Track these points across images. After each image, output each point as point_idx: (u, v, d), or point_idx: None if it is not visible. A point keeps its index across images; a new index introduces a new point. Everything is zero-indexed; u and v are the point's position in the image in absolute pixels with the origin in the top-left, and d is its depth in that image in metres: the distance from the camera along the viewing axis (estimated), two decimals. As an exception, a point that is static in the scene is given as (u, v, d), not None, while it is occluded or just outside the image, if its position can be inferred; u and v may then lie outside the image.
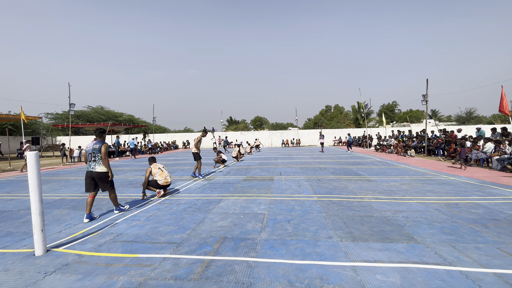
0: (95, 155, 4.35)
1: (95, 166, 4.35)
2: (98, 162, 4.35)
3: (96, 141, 4.44)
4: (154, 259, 2.86)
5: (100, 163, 4.36)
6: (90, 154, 4.38)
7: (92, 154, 4.36)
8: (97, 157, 4.35)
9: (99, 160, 4.35)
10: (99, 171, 4.34)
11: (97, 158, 4.34)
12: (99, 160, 4.35)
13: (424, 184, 6.53)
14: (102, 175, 4.37)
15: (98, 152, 4.35)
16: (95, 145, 4.40)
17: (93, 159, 4.36)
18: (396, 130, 21.66)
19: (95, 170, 4.34)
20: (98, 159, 4.34)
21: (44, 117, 35.91)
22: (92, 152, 4.37)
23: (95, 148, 4.37)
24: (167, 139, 33.22)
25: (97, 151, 4.35)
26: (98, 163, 4.35)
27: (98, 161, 4.35)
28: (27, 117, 19.21)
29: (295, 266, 2.62)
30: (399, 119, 49.41)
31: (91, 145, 4.40)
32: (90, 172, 4.36)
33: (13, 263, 2.87)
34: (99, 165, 4.35)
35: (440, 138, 14.14)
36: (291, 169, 10.13)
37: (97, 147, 4.38)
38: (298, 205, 4.92)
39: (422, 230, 3.50)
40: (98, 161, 4.35)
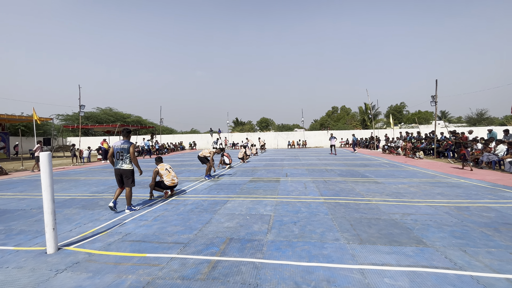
0: (123, 154, 4.70)
1: (122, 164, 4.70)
2: (125, 160, 4.70)
3: (124, 141, 4.77)
4: (161, 258, 2.90)
5: (127, 161, 4.72)
6: (118, 152, 4.71)
7: (120, 153, 4.70)
8: (124, 156, 4.69)
9: (126, 158, 4.70)
10: (125, 168, 4.71)
11: (124, 156, 4.69)
12: (126, 158, 4.70)
13: (433, 187, 6.41)
14: (127, 172, 4.73)
15: (126, 152, 4.70)
16: (123, 144, 4.73)
17: (120, 157, 4.70)
18: (404, 131, 21.32)
19: (122, 168, 4.70)
20: (125, 157, 4.70)
21: (55, 118, 36.83)
22: (120, 151, 4.70)
23: (123, 147, 4.71)
24: (174, 140, 33.56)
25: (126, 151, 4.70)
26: (125, 161, 4.70)
27: (125, 159, 4.70)
28: (39, 118, 19.73)
29: (301, 268, 2.61)
30: (407, 121, 48.58)
31: (119, 144, 4.73)
32: (118, 169, 4.73)
33: (26, 260, 2.95)
34: (125, 163, 4.71)
35: (450, 139, 13.85)
36: (297, 170, 10.09)
37: (126, 147, 4.72)
38: (304, 206, 4.90)
39: (431, 233, 3.44)
40: (125, 160, 4.71)
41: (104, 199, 5.94)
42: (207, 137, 33.81)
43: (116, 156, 4.74)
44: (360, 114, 47.30)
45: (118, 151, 4.72)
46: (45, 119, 22.25)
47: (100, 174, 10.37)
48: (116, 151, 4.74)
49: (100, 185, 7.74)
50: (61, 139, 33.14)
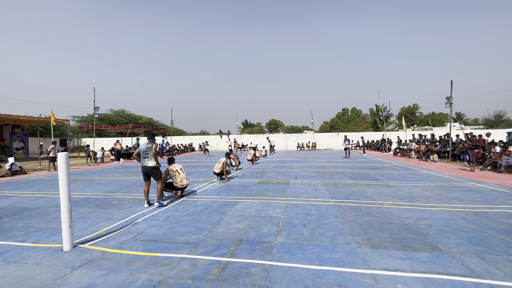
0: (148, 153, 5.22)
1: (147, 162, 5.20)
2: (149, 158, 5.20)
3: (149, 142, 5.29)
4: (172, 258, 2.94)
5: (151, 158, 5.19)
6: (144, 152, 5.24)
7: (146, 152, 5.23)
8: (149, 155, 5.20)
9: (151, 156, 5.18)
10: (150, 166, 5.20)
11: (149, 155, 5.20)
12: (150, 156, 5.19)
13: (448, 191, 6.21)
14: (153, 168, 5.24)
15: (150, 150, 5.22)
16: (148, 145, 5.27)
17: (146, 156, 5.22)
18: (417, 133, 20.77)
19: (147, 165, 5.20)
20: (150, 156, 5.20)
21: (71, 120, 38.11)
22: (145, 150, 5.24)
23: (148, 147, 5.24)
24: (184, 141, 34.02)
25: (150, 149, 5.22)
26: (149, 159, 5.20)
27: (149, 157, 5.20)
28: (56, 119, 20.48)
29: (312, 271, 2.59)
30: (420, 123, 47.30)
31: (145, 145, 5.28)
32: (144, 167, 5.24)
33: (44, 257, 3.06)
34: (150, 160, 5.20)
35: (466, 142, 13.40)
36: (307, 172, 10.01)
37: (150, 146, 5.25)
38: (314, 209, 4.86)
39: (447, 239, 3.33)
40: (150, 158, 5.20)
41: (117, 198, 6.09)
42: (217, 138, 34.07)
43: (142, 155, 5.26)
44: (371, 116, 46.47)
45: (143, 150, 5.25)
46: (62, 120, 23.05)
47: (113, 174, 10.63)
48: (142, 151, 5.27)
49: (113, 185, 7.94)
50: (76, 140, 34.24)
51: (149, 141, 5.31)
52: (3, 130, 21.74)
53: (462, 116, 50.25)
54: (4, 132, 21.74)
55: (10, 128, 21.97)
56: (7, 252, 3.23)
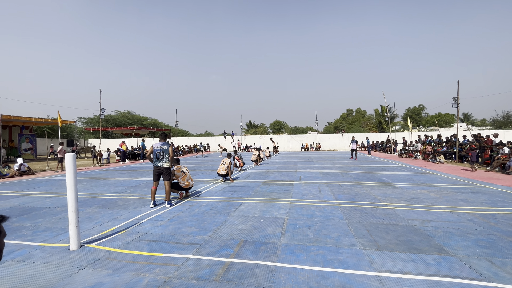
0: (163, 154, 5.27)
1: (162, 163, 5.27)
2: (165, 160, 5.28)
3: (163, 143, 5.35)
4: (177, 259, 2.96)
5: (167, 160, 5.29)
6: (158, 153, 5.28)
7: (160, 153, 5.28)
8: (165, 156, 5.27)
9: (167, 158, 5.27)
10: (165, 167, 5.29)
11: (165, 157, 5.27)
12: (166, 158, 5.27)
13: (455, 193, 6.12)
14: (167, 169, 5.33)
15: (166, 152, 5.28)
16: (163, 146, 5.32)
17: (161, 157, 5.28)
18: (423, 134, 20.51)
19: (162, 166, 5.27)
20: (165, 157, 5.27)
21: (78, 121, 38.64)
22: (160, 151, 5.28)
23: (163, 148, 5.29)
24: (189, 142, 34.21)
25: (166, 151, 5.28)
26: (165, 160, 5.28)
27: (165, 159, 5.27)
28: (63, 121, 20.80)
29: (316, 273, 2.57)
30: (426, 123, 46.72)
31: (159, 146, 5.31)
32: (158, 167, 5.29)
33: (51, 256, 3.11)
34: (165, 162, 5.28)
35: (474, 143, 13.19)
36: (311, 174, 9.97)
37: (166, 148, 5.30)
38: (318, 210, 4.83)
39: (454, 241, 3.29)
40: (165, 159, 5.28)
41: (122, 199, 6.15)
42: (221, 139, 34.17)
43: (156, 156, 5.28)
44: (376, 116, 46.09)
45: (158, 151, 5.28)
46: (69, 121, 23.41)
47: (118, 175, 10.75)
48: (156, 151, 5.29)
49: (118, 186, 8.02)
50: (83, 140, 34.71)
51: (163, 142, 5.36)
52: (12, 131, 22.17)
53: (469, 116, 49.51)
54: (13, 133, 22.16)
55: (19, 129, 22.39)
56: (16, 251, 3.28)
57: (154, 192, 5.33)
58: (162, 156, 5.27)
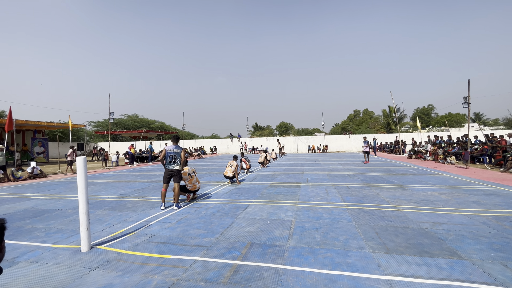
0: (175, 158, 5.38)
1: (174, 165, 5.37)
2: (177, 163, 5.38)
3: (175, 146, 5.45)
4: (185, 260, 2.98)
5: (179, 163, 5.39)
6: (171, 156, 5.37)
7: (173, 156, 5.37)
8: (177, 160, 5.38)
9: (179, 161, 5.39)
10: (177, 169, 5.39)
11: (177, 160, 5.38)
12: (178, 161, 5.38)
13: (467, 195, 5.96)
14: (178, 172, 5.42)
15: (178, 156, 5.39)
16: (175, 149, 5.42)
17: (173, 160, 5.37)
18: (433, 135, 20.08)
19: (174, 168, 5.36)
20: (178, 160, 5.38)
21: (88, 125, 39.50)
22: (173, 155, 5.37)
23: (176, 152, 5.40)
24: (196, 145, 34.48)
25: (178, 155, 5.39)
26: (177, 163, 5.38)
27: (177, 162, 5.38)
28: (74, 125, 21.30)
29: (324, 276, 2.55)
30: (436, 124, 45.74)
31: (172, 149, 5.40)
32: (169, 170, 5.37)
33: (63, 257, 3.18)
34: (177, 165, 5.38)
35: (486, 144, 12.84)
36: (318, 175, 9.90)
37: (178, 151, 5.42)
38: (326, 213, 4.79)
39: (466, 245, 3.20)
40: (178, 162, 5.38)
41: (131, 201, 6.24)
42: (227, 142, 34.32)
43: (168, 159, 5.36)
44: (384, 117, 45.44)
45: (171, 154, 5.37)
46: (79, 125, 23.97)
47: (127, 178, 10.92)
48: (168, 154, 5.37)
49: (127, 188, 8.15)
50: (92, 144, 35.44)
51: (175, 145, 5.46)
52: (25, 136, 22.85)
53: (481, 116, 48.25)
54: (26, 137, 22.83)
55: (32, 133, 23.05)
56: (29, 252, 3.37)
57: (164, 194, 5.43)
58: (174, 160, 5.35)
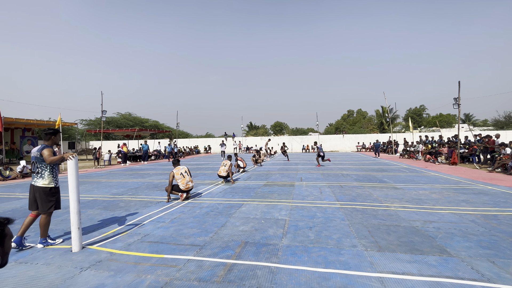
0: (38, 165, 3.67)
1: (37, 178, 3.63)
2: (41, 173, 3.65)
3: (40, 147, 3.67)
4: (178, 260, 2.96)
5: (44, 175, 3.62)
6: (33, 162, 3.62)
7: (35, 163, 3.61)
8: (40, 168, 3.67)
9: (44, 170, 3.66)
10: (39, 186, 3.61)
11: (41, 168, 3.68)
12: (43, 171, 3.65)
13: (457, 193, 6.10)
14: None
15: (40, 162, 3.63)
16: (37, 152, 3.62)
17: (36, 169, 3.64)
18: (424, 135, 20.45)
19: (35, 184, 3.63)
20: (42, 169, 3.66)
21: (79, 123, 38.79)
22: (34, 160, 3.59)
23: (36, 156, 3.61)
24: (190, 144, 34.25)
25: (39, 161, 3.64)
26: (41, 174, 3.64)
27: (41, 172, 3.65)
28: (64, 123, 20.88)
29: (318, 274, 2.57)
30: (427, 124, 46.60)
31: (35, 151, 3.69)
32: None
33: (53, 257, 3.12)
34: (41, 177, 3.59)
35: (476, 144, 13.15)
36: (312, 175, 9.96)
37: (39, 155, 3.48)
38: (320, 212, 4.83)
39: (456, 242, 3.28)
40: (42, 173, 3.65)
41: (124, 200, 6.16)
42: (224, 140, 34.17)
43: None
44: (377, 117, 46.05)
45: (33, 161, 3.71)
46: (70, 124, 23.51)
47: (120, 177, 10.77)
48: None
49: (120, 187, 8.04)
50: (84, 142, 34.82)
51: (42, 146, 3.68)
52: (14, 134, 22.27)
53: (471, 117, 49.35)
54: (15, 135, 22.26)
55: (21, 131, 22.49)
56: (18, 252, 3.30)
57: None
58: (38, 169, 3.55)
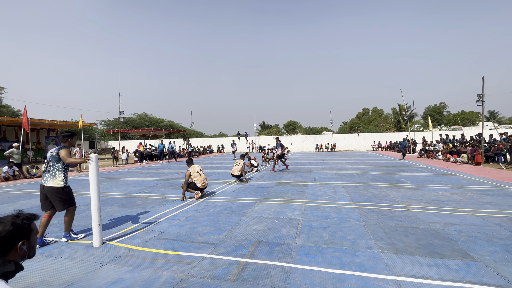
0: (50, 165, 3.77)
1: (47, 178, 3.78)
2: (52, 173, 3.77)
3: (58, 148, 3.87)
4: (193, 257, 3.02)
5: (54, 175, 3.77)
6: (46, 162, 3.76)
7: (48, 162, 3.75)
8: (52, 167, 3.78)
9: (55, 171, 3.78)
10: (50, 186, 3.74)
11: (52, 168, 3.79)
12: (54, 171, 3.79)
13: (481, 195, 5.80)
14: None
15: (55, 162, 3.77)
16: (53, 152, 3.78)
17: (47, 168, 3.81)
18: (445, 134, 19.56)
19: (46, 184, 3.75)
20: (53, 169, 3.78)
21: (99, 124, 40.38)
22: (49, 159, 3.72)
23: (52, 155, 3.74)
24: (203, 143, 34.75)
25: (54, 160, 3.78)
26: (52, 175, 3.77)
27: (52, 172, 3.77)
28: (85, 123, 21.81)
29: (332, 275, 2.54)
30: (448, 122, 44.56)
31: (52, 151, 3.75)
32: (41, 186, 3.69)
33: (76, 252, 3.28)
34: (51, 178, 3.72)
35: (502, 143, 12.42)
36: (326, 174, 9.82)
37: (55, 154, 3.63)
38: (334, 212, 4.76)
39: (479, 246, 3.12)
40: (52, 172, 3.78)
41: (140, 198, 6.36)
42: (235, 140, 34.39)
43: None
44: (394, 115, 44.59)
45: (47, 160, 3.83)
46: (91, 124, 24.53)
47: (137, 175, 11.12)
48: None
49: (137, 186, 8.30)
50: (103, 142, 36.22)
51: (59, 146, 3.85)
52: (39, 134, 23.55)
53: (496, 114, 46.71)
54: (40, 135, 23.54)
55: (46, 132, 23.75)
56: (43, 246, 3.49)
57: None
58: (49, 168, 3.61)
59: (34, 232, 1.26)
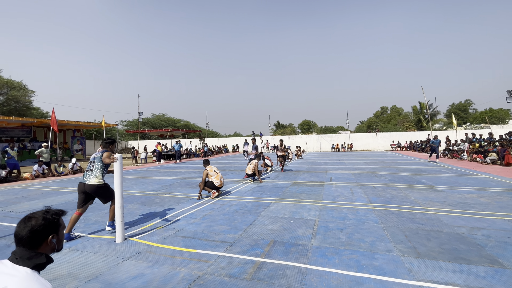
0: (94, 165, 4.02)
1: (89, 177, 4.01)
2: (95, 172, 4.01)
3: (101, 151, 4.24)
4: (210, 255, 3.08)
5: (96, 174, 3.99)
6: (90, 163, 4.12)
7: (92, 163, 4.06)
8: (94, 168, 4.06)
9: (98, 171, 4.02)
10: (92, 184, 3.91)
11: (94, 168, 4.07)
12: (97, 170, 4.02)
13: (511, 198, 5.43)
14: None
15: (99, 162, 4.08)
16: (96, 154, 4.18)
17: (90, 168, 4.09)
18: (471, 132, 18.48)
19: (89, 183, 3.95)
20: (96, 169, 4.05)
21: (120, 124, 42.08)
22: (92, 161, 4.09)
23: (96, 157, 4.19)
24: (219, 143, 35.19)
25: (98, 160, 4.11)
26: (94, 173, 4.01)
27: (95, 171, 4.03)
28: (107, 124, 22.81)
29: (349, 278, 2.49)
30: (474, 120, 42.07)
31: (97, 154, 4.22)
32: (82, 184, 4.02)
33: (100, 247, 3.45)
34: (93, 177, 4.00)
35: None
36: (343, 175, 9.61)
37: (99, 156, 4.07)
38: (351, 213, 4.65)
39: (510, 252, 2.93)
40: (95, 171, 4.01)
41: (159, 196, 6.56)
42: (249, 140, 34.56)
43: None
44: (414, 114, 42.78)
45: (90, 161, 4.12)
46: (112, 125, 25.63)
47: (155, 174, 11.48)
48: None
49: (155, 184, 8.57)
50: (124, 142, 37.70)
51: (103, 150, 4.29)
52: (66, 134, 24.93)
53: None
54: (67, 136, 24.91)
55: (72, 132, 25.10)
56: (71, 240, 3.70)
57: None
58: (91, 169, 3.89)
59: (62, 227, 1.34)
